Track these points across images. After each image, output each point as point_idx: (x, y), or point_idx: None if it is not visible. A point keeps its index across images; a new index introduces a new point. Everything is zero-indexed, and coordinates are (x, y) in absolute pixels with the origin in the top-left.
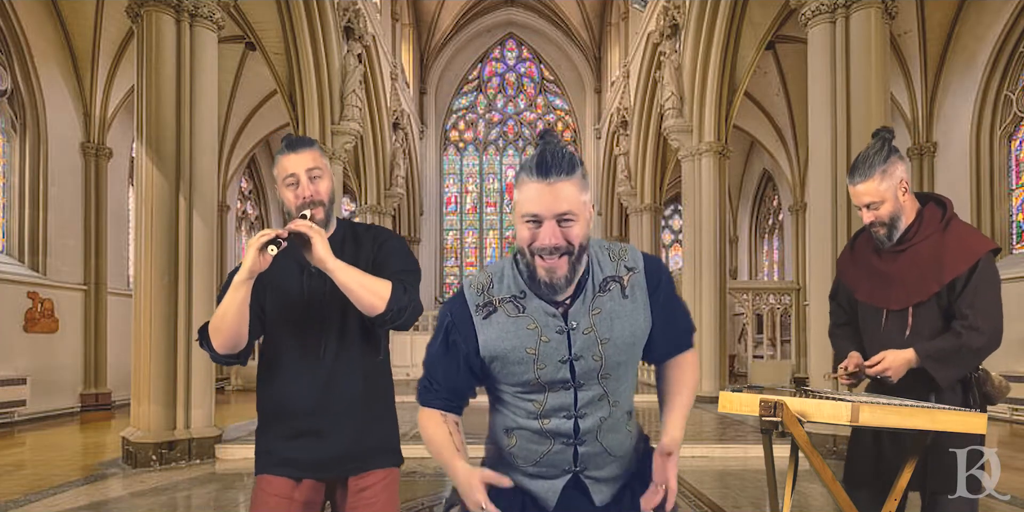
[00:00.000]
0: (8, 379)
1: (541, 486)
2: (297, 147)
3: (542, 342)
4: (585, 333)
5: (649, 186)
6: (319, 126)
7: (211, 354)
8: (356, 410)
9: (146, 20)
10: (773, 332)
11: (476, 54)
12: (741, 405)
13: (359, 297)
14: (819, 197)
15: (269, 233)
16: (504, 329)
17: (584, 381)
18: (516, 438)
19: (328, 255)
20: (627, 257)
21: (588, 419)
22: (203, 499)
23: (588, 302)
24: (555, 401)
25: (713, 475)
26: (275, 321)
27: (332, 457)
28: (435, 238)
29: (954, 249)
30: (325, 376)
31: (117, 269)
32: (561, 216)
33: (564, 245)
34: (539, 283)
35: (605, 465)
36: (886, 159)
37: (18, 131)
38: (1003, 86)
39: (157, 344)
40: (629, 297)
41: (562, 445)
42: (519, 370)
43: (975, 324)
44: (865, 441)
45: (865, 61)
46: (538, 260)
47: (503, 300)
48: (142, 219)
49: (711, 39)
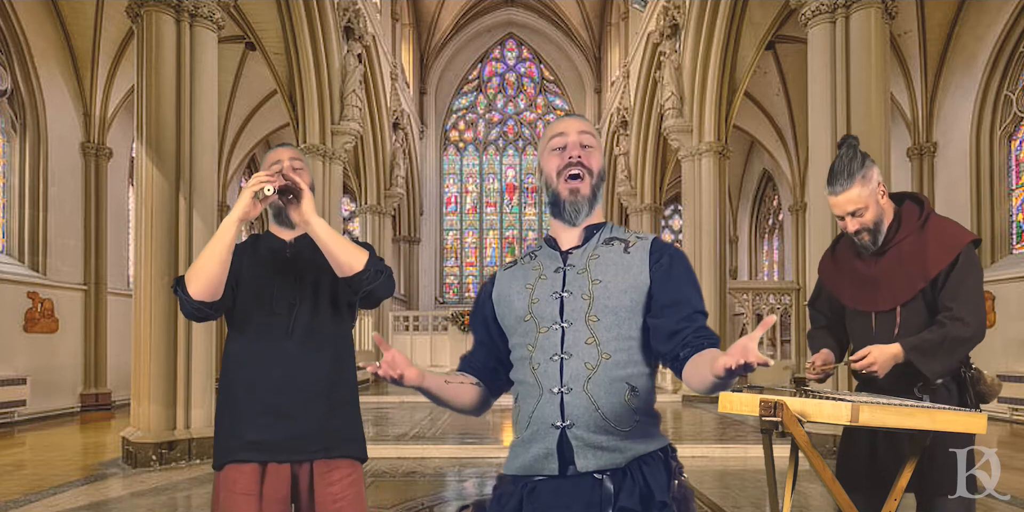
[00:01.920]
0: (8, 379)
1: (537, 451)
2: (284, 145)
3: (540, 279)
4: (579, 273)
5: (649, 186)
6: (319, 126)
7: (185, 300)
8: (323, 390)
9: (146, 20)
10: (773, 332)
11: (476, 54)
12: (741, 405)
13: (338, 253)
14: (819, 197)
15: (264, 178)
16: (515, 273)
17: (572, 321)
18: (519, 402)
19: (312, 211)
20: (644, 234)
21: (573, 362)
22: (203, 499)
23: (590, 249)
24: (544, 341)
25: (713, 475)
26: (246, 296)
27: (298, 436)
28: (435, 238)
29: (935, 243)
30: (294, 354)
31: (117, 269)
32: (583, 133)
33: (587, 163)
34: (563, 207)
35: (597, 428)
36: (862, 165)
37: (18, 131)
38: (1003, 86)
39: (157, 344)
40: (630, 253)
41: (550, 395)
42: (517, 305)
43: (959, 315)
44: (860, 442)
45: (865, 61)
46: (563, 184)
47: (523, 256)
48: (142, 219)
49: (711, 39)
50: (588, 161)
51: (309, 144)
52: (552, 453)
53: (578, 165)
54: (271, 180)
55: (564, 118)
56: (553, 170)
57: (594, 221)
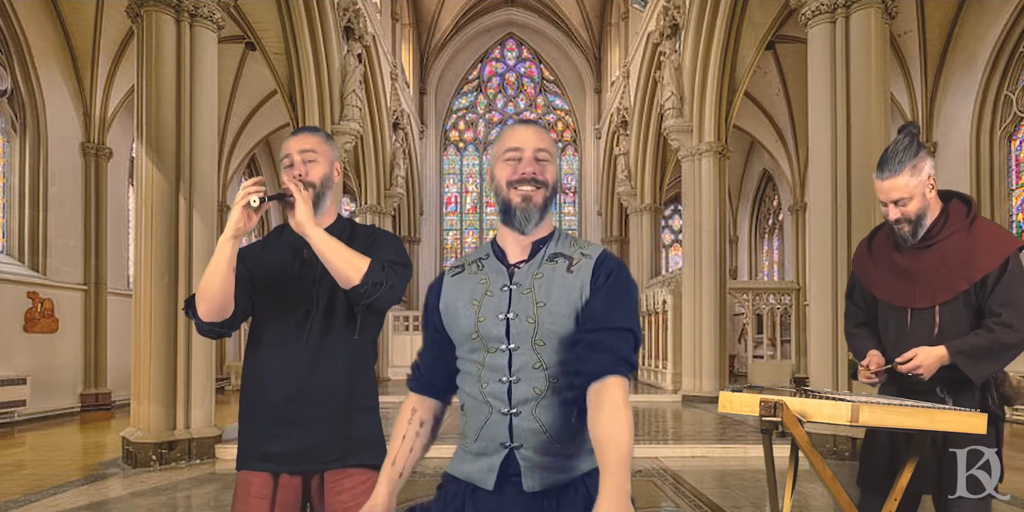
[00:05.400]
0: (8, 379)
1: (482, 465)
2: (300, 131)
3: (486, 296)
4: (524, 293)
5: (649, 186)
6: (319, 126)
7: (196, 323)
8: (338, 398)
9: (146, 20)
10: (773, 332)
11: (476, 54)
12: (741, 405)
13: (335, 266)
14: (819, 197)
15: (251, 190)
16: (462, 283)
17: (518, 344)
18: (466, 413)
19: (308, 219)
20: (588, 248)
21: (521, 386)
22: (203, 499)
23: (534, 267)
24: (492, 362)
25: (713, 475)
26: (263, 302)
27: (310, 447)
28: (435, 238)
29: (984, 246)
30: (308, 361)
31: (117, 269)
32: (539, 150)
33: (540, 178)
34: (513, 214)
35: (543, 449)
36: (915, 154)
37: (18, 131)
38: (1003, 86)
39: (157, 344)
40: (573, 272)
41: (499, 415)
42: (463, 322)
43: (1008, 321)
44: (881, 444)
45: (865, 61)
46: (514, 192)
47: (470, 262)
48: (142, 219)
49: (711, 39)
50: (543, 175)
51: None
52: (495, 470)
53: (531, 181)
54: (257, 190)
55: (519, 128)
56: (503, 180)
57: (543, 233)
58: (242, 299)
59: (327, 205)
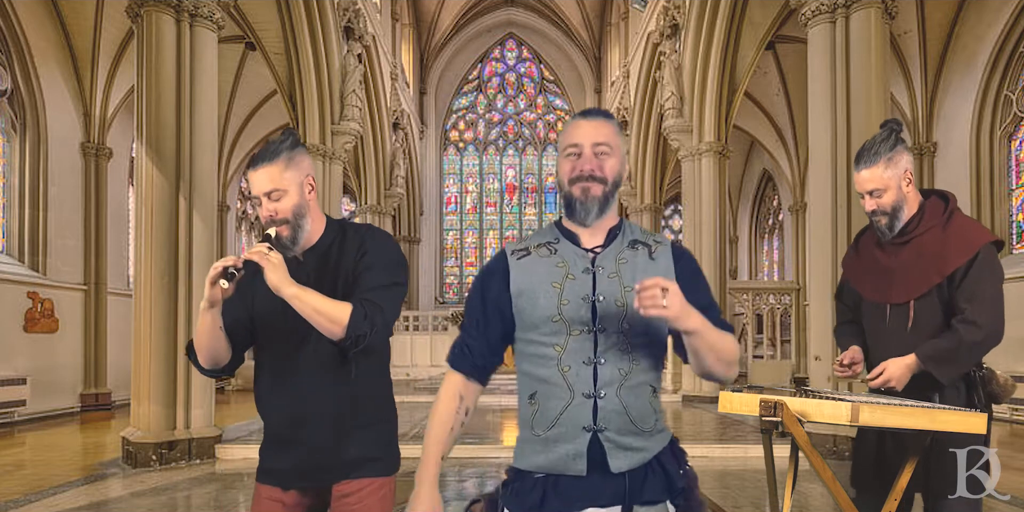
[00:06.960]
0: (8, 379)
1: (563, 452)
2: (257, 163)
3: (568, 279)
4: (610, 277)
5: (649, 186)
6: (319, 126)
7: (197, 368)
8: (333, 422)
9: (146, 20)
10: (773, 332)
11: (476, 54)
12: (741, 405)
13: (317, 323)
14: (819, 197)
15: (220, 265)
16: (535, 265)
17: (605, 326)
18: (538, 400)
19: (283, 283)
20: (658, 237)
21: (607, 368)
22: (203, 499)
23: (616, 251)
24: (576, 345)
25: (713, 475)
26: (262, 330)
27: (311, 467)
28: (435, 238)
29: (955, 240)
30: (302, 388)
31: (117, 269)
32: (597, 145)
33: (599, 174)
34: (574, 207)
35: (626, 431)
36: (892, 148)
37: (18, 131)
38: (1003, 86)
39: (157, 344)
40: (655, 260)
41: (582, 398)
42: (544, 304)
43: (971, 318)
44: (869, 443)
45: (865, 61)
46: (574, 188)
47: (538, 245)
48: (142, 219)
49: (711, 39)
50: (601, 171)
51: (309, 144)
52: (583, 454)
53: (589, 178)
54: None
55: (579, 122)
56: (564, 177)
57: (611, 223)
58: (242, 335)
59: (310, 223)
